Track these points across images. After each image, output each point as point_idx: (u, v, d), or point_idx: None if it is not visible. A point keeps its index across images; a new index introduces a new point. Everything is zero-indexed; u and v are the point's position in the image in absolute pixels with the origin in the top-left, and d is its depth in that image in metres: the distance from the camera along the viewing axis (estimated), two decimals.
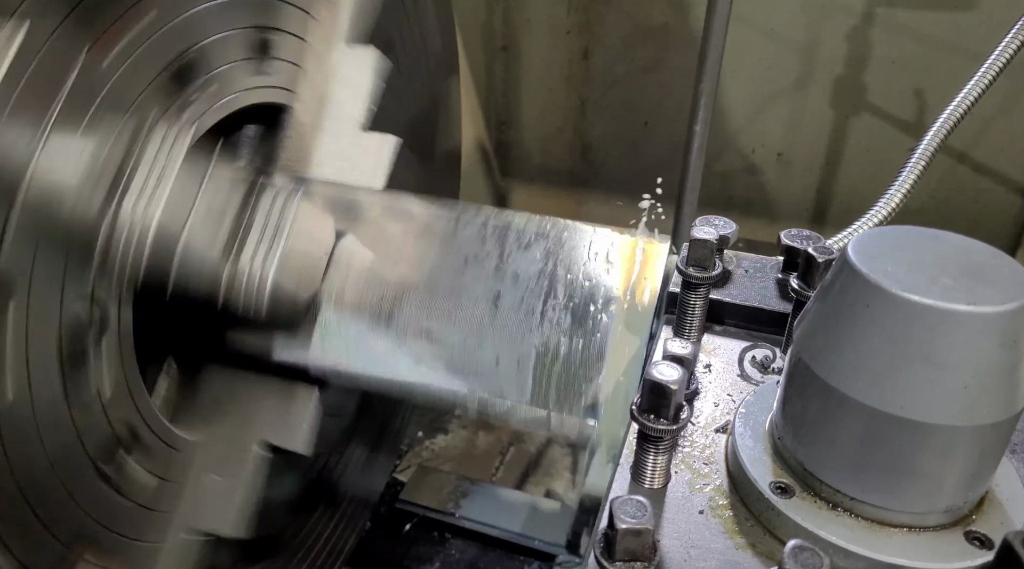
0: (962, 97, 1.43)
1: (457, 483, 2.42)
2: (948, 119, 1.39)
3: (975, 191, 3.44)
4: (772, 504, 0.95)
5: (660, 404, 0.97)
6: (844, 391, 0.88)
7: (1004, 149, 3.29)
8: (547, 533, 2.24)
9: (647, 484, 1.02)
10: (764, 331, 1.23)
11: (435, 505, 2.34)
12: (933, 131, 1.39)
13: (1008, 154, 3.30)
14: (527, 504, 2.39)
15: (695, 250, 1.16)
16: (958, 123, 1.39)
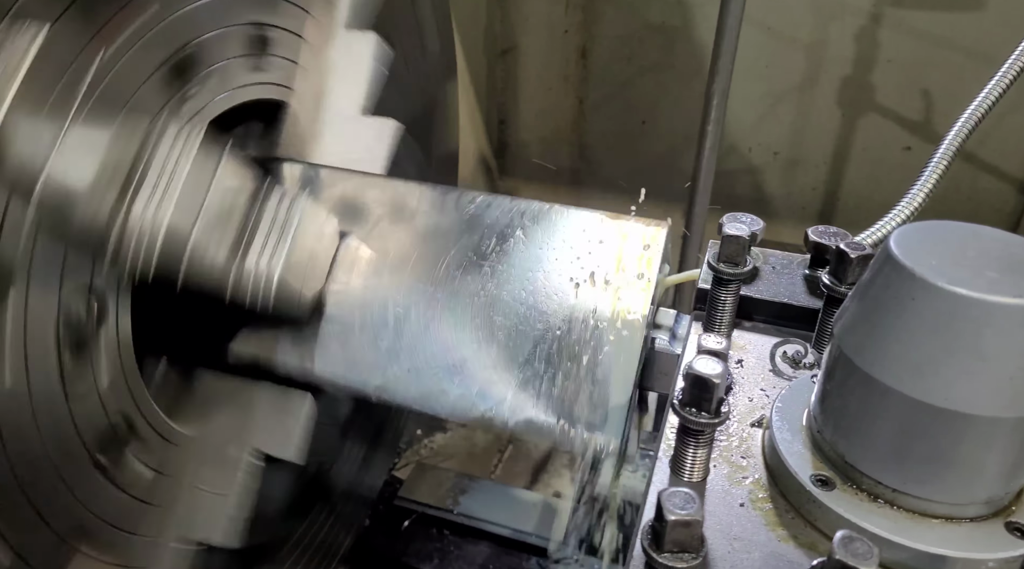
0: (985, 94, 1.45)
1: (455, 480, 2.42)
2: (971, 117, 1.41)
3: (970, 189, 3.47)
4: (813, 496, 0.96)
5: (702, 398, 0.98)
6: (888, 383, 0.89)
7: (998, 148, 3.32)
8: (545, 529, 2.24)
9: (686, 477, 1.03)
10: (793, 326, 1.24)
11: (433, 502, 2.33)
12: (956, 129, 1.41)
13: (1002, 153, 3.34)
14: (525, 500, 2.39)
15: (727, 246, 1.17)
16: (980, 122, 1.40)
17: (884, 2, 3.09)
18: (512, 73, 4.00)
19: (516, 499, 2.38)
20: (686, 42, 3.69)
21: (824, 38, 3.24)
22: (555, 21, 3.83)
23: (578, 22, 3.83)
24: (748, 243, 1.17)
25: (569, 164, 4.15)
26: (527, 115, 4.09)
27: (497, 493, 2.39)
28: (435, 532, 2.28)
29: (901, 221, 1.37)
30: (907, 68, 3.24)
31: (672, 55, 3.74)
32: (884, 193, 3.50)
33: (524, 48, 3.94)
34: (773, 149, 3.68)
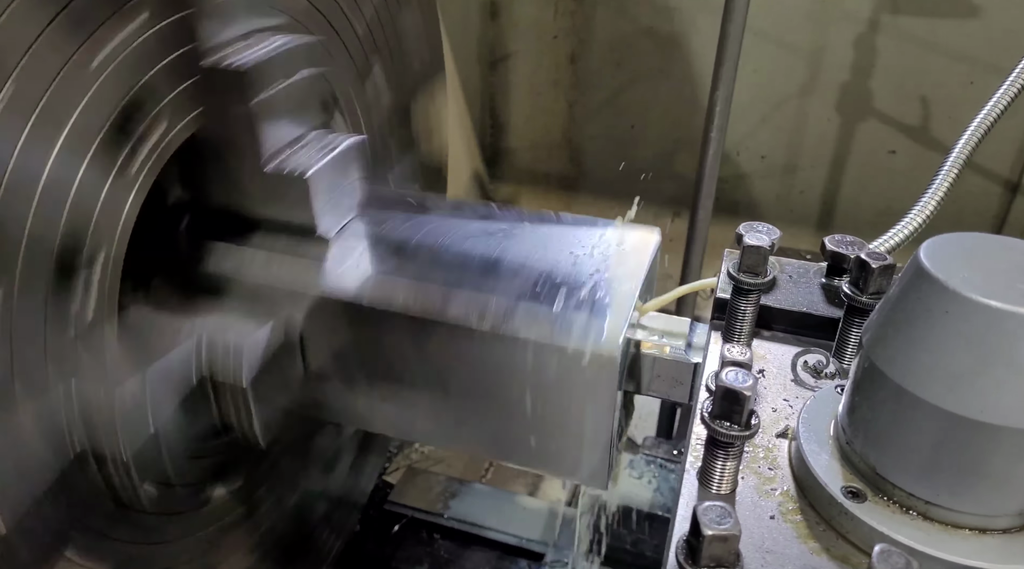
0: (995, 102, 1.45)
1: (446, 484, 2.42)
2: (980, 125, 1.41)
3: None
4: (845, 508, 0.96)
5: (733, 410, 0.98)
6: (921, 395, 0.90)
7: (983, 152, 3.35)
8: (536, 533, 2.25)
9: (715, 489, 1.03)
10: (812, 336, 1.24)
11: (424, 506, 2.33)
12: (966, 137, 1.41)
13: (987, 158, 3.37)
14: (516, 504, 2.40)
15: (748, 256, 1.17)
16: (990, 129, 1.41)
17: (882, 9, 3.11)
18: (502, 79, 4.01)
19: (507, 503, 2.39)
20: (675, 47, 3.71)
21: (822, 45, 3.26)
22: (544, 27, 3.84)
23: (567, 28, 3.85)
24: (769, 253, 1.17)
25: (560, 169, 4.16)
26: (518, 120, 4.09)
27: (487, 497, 2.39)
28: (425, 536, 2.29)
29: (913, 229, 1.37)
30: (904, 75, 3.26)
31: (661, 60, 3.76)
32: (880, 198, 3.54)
33: (514, 54, 3.95)
34: (770, 154, 3.70)
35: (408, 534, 2.28)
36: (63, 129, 1.09)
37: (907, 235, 1.36)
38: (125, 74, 1.15)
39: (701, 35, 3.62)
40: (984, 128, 1.41)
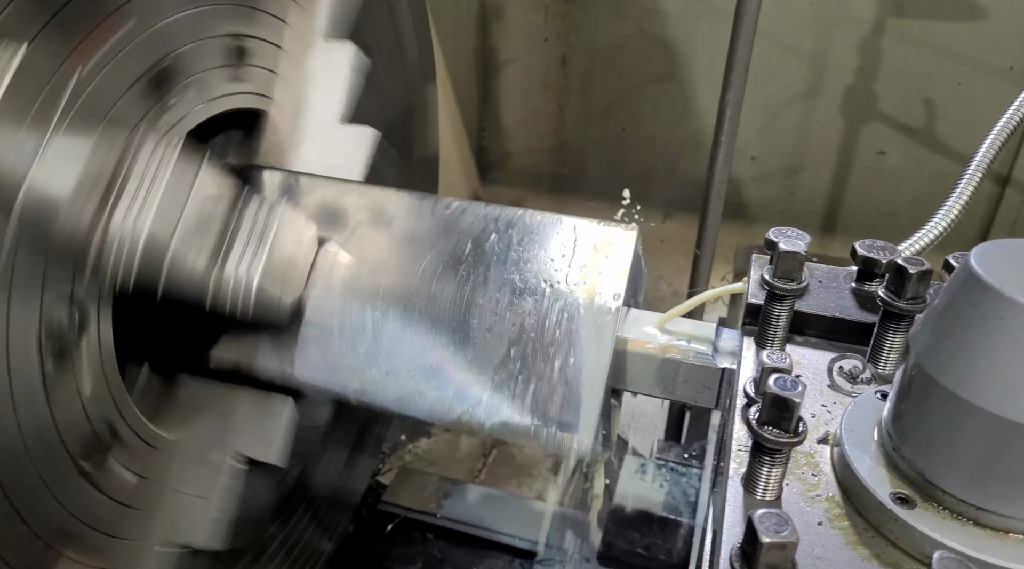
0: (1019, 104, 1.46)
1: (438, 484, 2.43)
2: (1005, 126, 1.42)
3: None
4: (894, 515, 0.96)
5: (782, 417, 0.98)
6: (974, 401, 0.90)
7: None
8: (528, 531, 2.26)
9: (760, 495, 1.03)
10: (845, 341, 1.24)
11: (417, 506, 2.35)
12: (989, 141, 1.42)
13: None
14: (508, 503, 2.41)
15: (784, 262, 1.17)
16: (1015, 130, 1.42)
17: (886, 12, 3.13)
18: (494, 82, 4.00)
19: (499, 502, 2.39)
20: (665, 50, 3.72)
21: (827, 48, 3.27)
22: (535, 30, 3.84)
23: (558, 31, 3.85)
24: (805, 259, 1.17)
25: (552, 171, 4.15)
26: (509, 123, 4.09)
27: (480, 496, 2.41)
28: (418, 536, 2.31)
29: (938, 234, 1.38)
30: (911, 77, 3.28)
31: (651, 63, 3.77)
32: (884, 201, 3.56)
33: (505, 57, 3.94)
34: (771, 157, 3.71)
35: (401, 534, 2.30)
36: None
37: (931, 240, 1.37)
38: None
39: (691, 38, 3.63)
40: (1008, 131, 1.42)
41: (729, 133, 2.12)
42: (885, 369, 1.18)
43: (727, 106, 2.09)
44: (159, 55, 1.28)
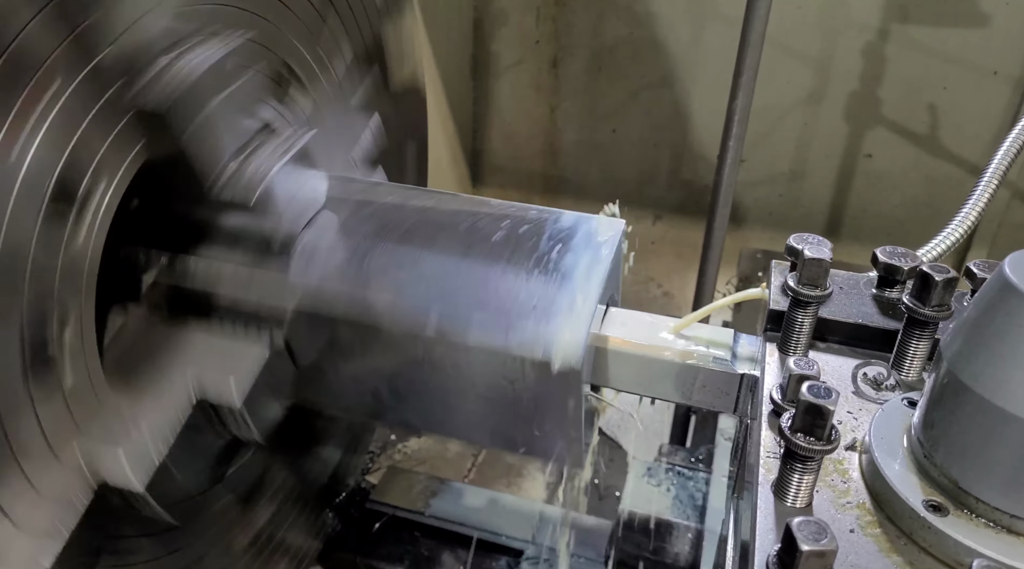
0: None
1: (426, 482, 2.43)
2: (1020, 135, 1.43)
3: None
4: (928, 522, 0.96)
5: (816, 425, 0.98)
6: (1009, 409, 0.90)
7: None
8: (515, 529, 2.26)
9: (791, 503, 1.03)
10: (866, 347, 1.25)
11: (405, 505, 2.35)
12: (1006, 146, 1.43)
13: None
14: (495, 502, 2.42)
15: (809, 269, 1.18)
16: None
17: (891, 18, 3.15)
18: (485, 84, 4.01)
19: (487, 501, 2.40)
20: (654, 53, 3.73)
21: (831, 53, 3.29)
22: (526, 32, 3.85)
23: (549, 33, 3.86)
24: (829, 266, 1.18)
25: (542, 172, 4.16)
26: (500, 124, 4.09)
27: (468, 495, 2.41)
28: (406, 535, 2.30)
29: (956, 239, 1.39)
30: (915, 83, 3.31)
31: (641, 65, 3.78)
32: (883, 206, 3.59)
33: (496, 59, 3.94)
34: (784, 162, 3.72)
35: (389, 532, 2.29)
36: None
37: (950, 245, 1.38)
38: (53, 143, 1.11)
39: (681, 41, 3.65)
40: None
41: (737, 138, 2.13)
42: (909, 376, 1.18)
43: (735, 111, 2.10)
44: None
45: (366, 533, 2.28)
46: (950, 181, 3.47)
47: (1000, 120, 3.29)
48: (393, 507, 2.32)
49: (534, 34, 3.87)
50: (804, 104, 3.50)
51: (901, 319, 1.20)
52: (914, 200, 3.60)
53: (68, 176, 1.14)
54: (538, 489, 3.15)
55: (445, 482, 2.43)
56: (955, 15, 3.10)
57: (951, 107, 3.34)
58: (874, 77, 3.31)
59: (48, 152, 1.10)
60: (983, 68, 3.21)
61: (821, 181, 3.67)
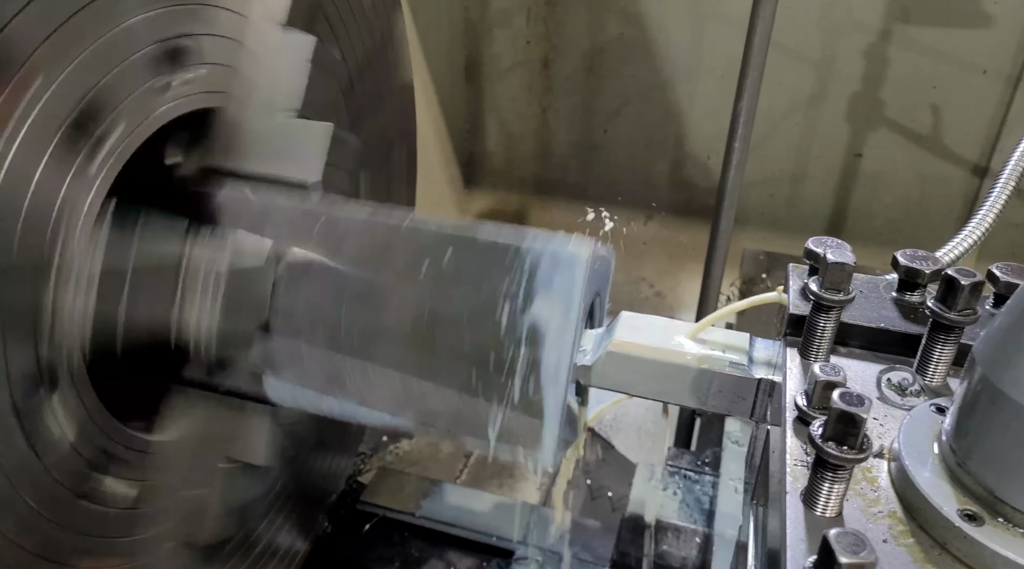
0: None
1: (417, 484, 2.42)
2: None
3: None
4: (963, 532, 0.94)
5: (848, 433, 0.96)
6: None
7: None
8: (505, 530, 2.26)
9: (820, 512, 1.01)
10: (888, 352, 1.23)
11: (395, 506, 2.35)
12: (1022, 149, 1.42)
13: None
14: (486, 502, 2.41)
15: (833, 273, 1.16)
16: None
17: (893, 19, 3.15)
18: (476, 85, 3.99)
19: (478, 502, 2.40)
20: (645, 53, 3.72)
21: (832, 55, 3.28)
22: (517, 32, 3.83)
23: (540, 33, 3.84)
24: (853, 270, 1.16)
25: (534, 173, 4.14)
26: (492, 126, 4.07)
27: (459, 496, 2.41)
28: (396, 536, 2.30)
29: (974, 241, 1.37)
30: (917, 84, 3.31)
31: (632, 65, 3.78)
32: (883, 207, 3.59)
33: (487, 60, 3.93)
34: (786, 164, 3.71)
35: (379, 533, 2.29)
36: None
37: (968, 247, 1.36)
38: None
39: (672, 41, 3.65)
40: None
41: (743, 139, 2.11)
42: (934, 381, 1.17)
43: (740, 113, 2.08)
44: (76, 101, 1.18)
45: (356, 534, 2.28)
46: (950, 181, 3.48)
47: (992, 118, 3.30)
48: (384, 508, 2.33)
49: (525, 34, 3.85)
50: (804, 105, 3.50)
51: (924, 323, 1.18)
52: (915, 201, 3.61)
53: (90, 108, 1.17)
54: (530, 490, 3.14)
55: (436, 483, 2.43)
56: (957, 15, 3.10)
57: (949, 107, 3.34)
58: (874, 78, 3.31)
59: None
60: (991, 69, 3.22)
61: (821, 182, 3.67)
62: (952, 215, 3.60)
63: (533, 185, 4.18)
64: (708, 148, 3.83)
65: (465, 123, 4.12)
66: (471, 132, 4.14)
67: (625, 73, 3.83)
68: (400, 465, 3.20)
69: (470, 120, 4.11)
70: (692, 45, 3.62)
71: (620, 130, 3.97)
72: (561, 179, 4.13)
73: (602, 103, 3.95)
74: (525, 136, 4.08)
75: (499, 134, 4.11)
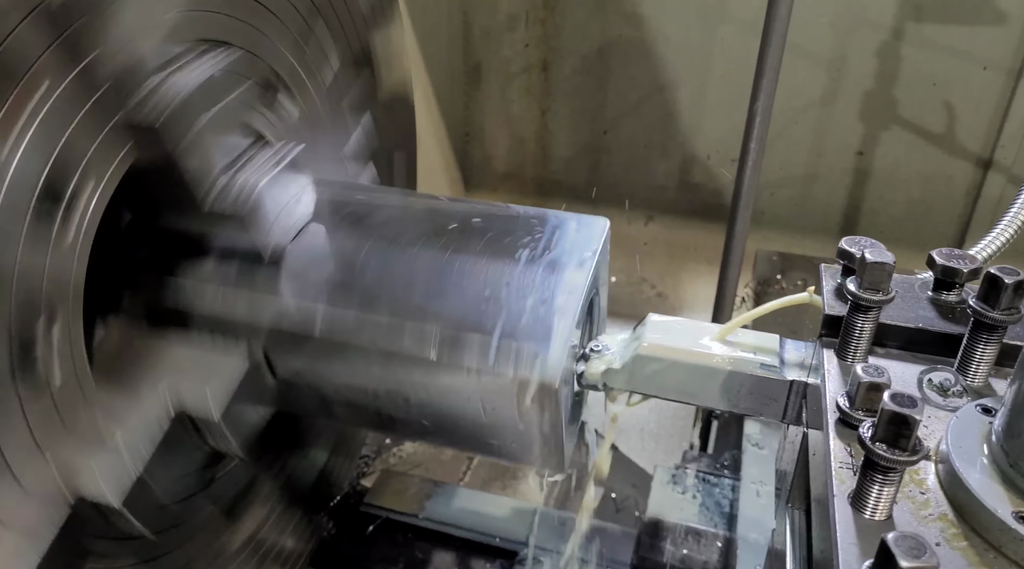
0: None
1: (420, 485, 2.41)
2: None
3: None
4: (1019, 535, 0.93)
5: (900, 435, 0.94)
6: None
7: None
8: (509, 532, 2.24)
9: (870, 515, 0.99)
10: (926, 352, 1.22)
11: (399, 507, 2.32)
12: None
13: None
14: (491, 504, 2.39)
15: (872, 273, 1.14)
16: None
17: (905, 17, 3.14)
18: (475, 87, 3.98)
19: (481, 503, 2.38)
20: (643, 54, 3.72)
21: (844, 54, 3.28)
22: (516, 35, 3.82)
23: (538, 36, 3.83)
24: (892, 270, 1.14)
25: (534, 175, 4.13)
26: (491, 128, 4.06)
27: (462, 497, 2.38)
28: (400, 537, 2.27)
29: (1007, 238, 1.36)
30: (931, 82, 3.30)
31: (630, 67, 3.77)
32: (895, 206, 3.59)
33: (486, 62, 3.91)
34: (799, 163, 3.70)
35: (383, 535, 2.27)
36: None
37: (1001, 244, 1.35)
38: (41, 143, 1.10)
39: (670, 42, 3.64)
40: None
41: (758, 140, 2.10)
42: (975, 381, 1.16)
43: (756, 113, 2.07)
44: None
45: (360, 535, 2.26)
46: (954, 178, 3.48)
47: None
48: (387, 510, 2.30)
49: (524, 38, 3.84)
50: (816, 105, 3.49)
51: (961, 322, 1.17)
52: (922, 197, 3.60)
53: (56, 176, 1.13)
54: (534, 492, 3.13)
55: (439, 485, 2.41)
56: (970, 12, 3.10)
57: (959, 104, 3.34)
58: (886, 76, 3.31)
59: (37, 152, 1.09)
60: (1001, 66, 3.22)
61: (833, 182, 3.66)
62: (955, 212, 3.60)
63: (533, 187, 4.17)
64: (708, 148, 3.83)
65: (465, 127, 4.10)
66: (471, 135, 4.12)
67: (623, 74, 3.83)
68: (403, 467, 3.18)
69: (470, 124, 4.10)
70: (691, 46, 3.62)
71: (620, 132, 3.96)
72: (561, 181, 4.12)
73: (602, 105, 3.94)
74: (525, 139, 4.07)
75: (499, 137, 4.10)
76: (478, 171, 4.19)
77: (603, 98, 3.92)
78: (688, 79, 3.69)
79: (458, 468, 3.31)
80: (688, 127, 3.82)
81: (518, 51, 3.88)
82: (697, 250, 3.96)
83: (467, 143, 4.13)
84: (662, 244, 4.04)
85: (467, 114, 4.06)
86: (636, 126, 3.93)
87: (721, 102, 3.61)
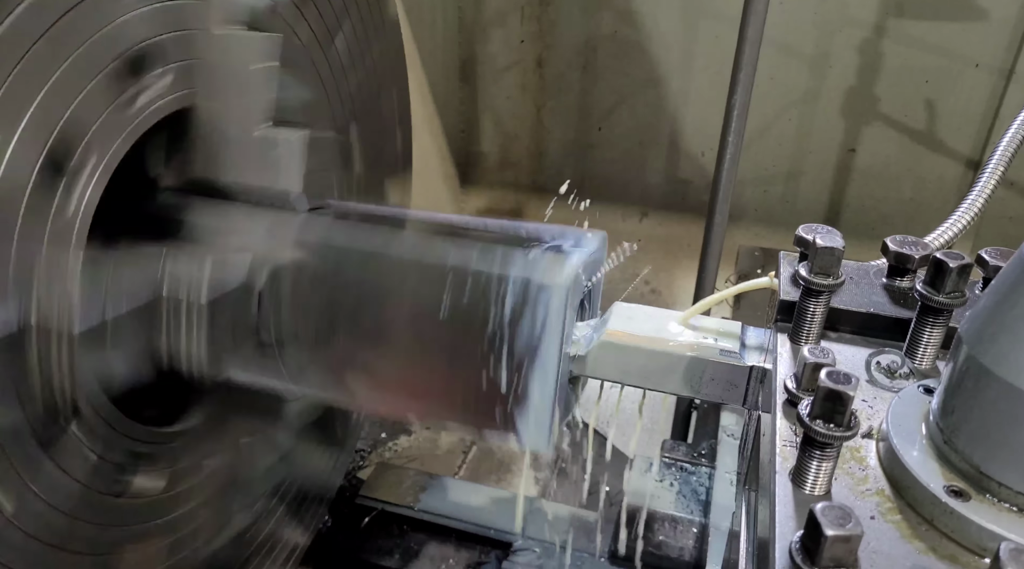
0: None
1: (415, 477, 2.45)
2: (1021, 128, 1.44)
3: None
4: (949, 508, 0.95)
5: (835, 411, 0.97)
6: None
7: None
8: (503, 523, 2.28)
9: (809, 490, 1.02)
10: (878, 336, 1.25)
11: (394, 500, 2.36)
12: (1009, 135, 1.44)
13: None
14: (485, 496, 2.43)
15: (822, 258, 1.17)
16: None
17: (887, 13, 3.17)
18: (471, 84, 4.00)
19: (476, 495, 2.42)
20: (638, 51, 3.74)
21: (827, 50, 3.30)
22: (511, 32, 3.85)
23: (533, 32, 3.86)
24: (842, 255, 1.17)
25: (529, 171, 4.16)
26: (487, 124, 4.09)
27: (457, 489, 2.43)
28: (396, 529, 2.32)
29: (963, 227, 1.39)
30: (912, 78, 3.32)
31: (625, 63, 3.79)
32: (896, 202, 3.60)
33: (482, 59, 3.94)
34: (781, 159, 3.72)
35: (378, 527, 2.31)
36: None
37: (957, 232, 1.38)
38: None
39: (665, 38, 3.67)
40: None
41: (736, 133, 2.12)
42: (923, 364, 1.18)
43: (734, 107, 2.10)
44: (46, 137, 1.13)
45: (356, 527, 2.30)
46: (944, 176, 3.50)
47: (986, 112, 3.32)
48: (383, 502, 2.34)
49: (519, 34, 3.87)
50: (799, 101, 3.51)
51: (913, 308, 1.19)
52: (912, 195, 3.62)
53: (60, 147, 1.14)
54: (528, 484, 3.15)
55: (434, 477, 2.45)
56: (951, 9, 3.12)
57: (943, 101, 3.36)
58: (869, 73, 3.33)
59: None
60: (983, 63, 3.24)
61: (816, 178, 3.69)
62: (946, 209, 3.61)
63: (528, 182, 4.20)
64: (702, 144, 3.85)
65: (460, 122, 4.14)
66: (467, 131, 4.16)
67: (619, 70, 3.86)
68: (399, 461, 3.21)
69: (465, 119, 4.13)
70: (685, 42, 3.64)
71: (614, 127, 3.99)
72: (556, 177, 4.15)
73: (596, 101, 3.97)
74: (520, 135, 4.10)
75: (494, 133, 4.13)
76: (474, 167, 4.23)
77: (598, 94, 3.95)
78: (682, 75, 3.71)
79: (453, 462, 3.33)
80: (683, 123, 3.85)
81: (513, 47, 3.92)
82: (691, 246, 3.97)
83: (463, 139, 4.17)
84: (656, 240, 4.06)
85: (462, 110, 4.10)
86: (631, 122, 3.96)
87: (715, 99, 3.62)
